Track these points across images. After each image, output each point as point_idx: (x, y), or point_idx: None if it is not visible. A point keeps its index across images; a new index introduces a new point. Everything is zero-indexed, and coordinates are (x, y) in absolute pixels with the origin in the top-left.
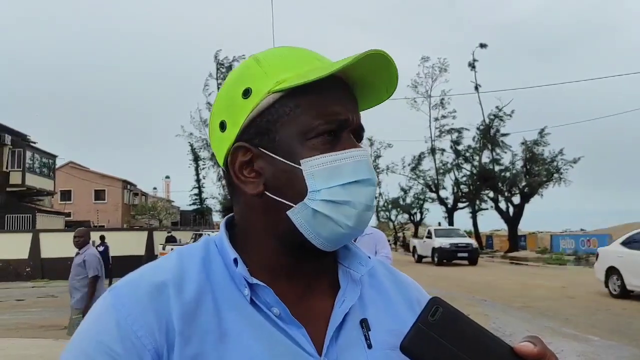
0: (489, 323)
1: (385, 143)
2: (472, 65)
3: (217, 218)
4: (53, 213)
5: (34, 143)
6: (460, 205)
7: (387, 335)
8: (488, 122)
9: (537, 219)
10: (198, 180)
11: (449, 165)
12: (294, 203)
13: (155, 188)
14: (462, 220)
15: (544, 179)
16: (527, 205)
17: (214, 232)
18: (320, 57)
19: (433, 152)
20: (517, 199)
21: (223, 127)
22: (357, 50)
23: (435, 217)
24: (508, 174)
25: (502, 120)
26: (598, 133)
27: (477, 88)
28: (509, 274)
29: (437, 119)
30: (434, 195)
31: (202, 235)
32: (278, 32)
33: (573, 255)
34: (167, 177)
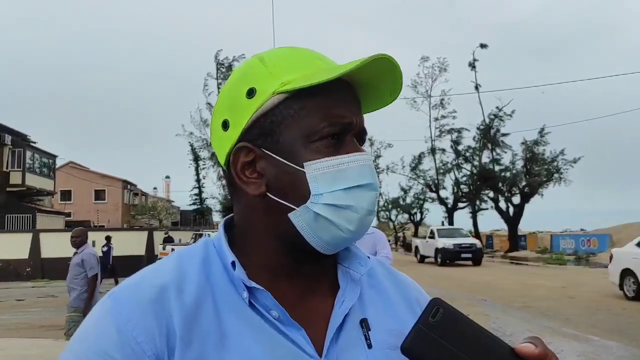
0: (489, 323)
1: (386, 143)
2: (472, 65)
3: (217, 218)
4: (53, 213)
5: (34, 143)
6: (461, 205)
7: (386, 335)
8: (488, 122)
9: (537, 219)
10: (198, 180)
11: (449, 165)
12: (296, 206)
13: (156, 188)
14: (462, 220)
15: (544, 179)
16: (527, 205)
17: (214, 232)
18: (324, 57)
19: (433, 152)
20: (517, 199)
21: (225, 126)
22: (357, 50)
23: (436, 217)
24: (508, 174)
25: (502, 120)
26: (598, 133)
27: (477, 88)
28: (509, 274)
29: (437, 119)
30: (434, 195)
31: (202, 236)
32: (278, 31)
33: (573, 255)
34: (167, 177)
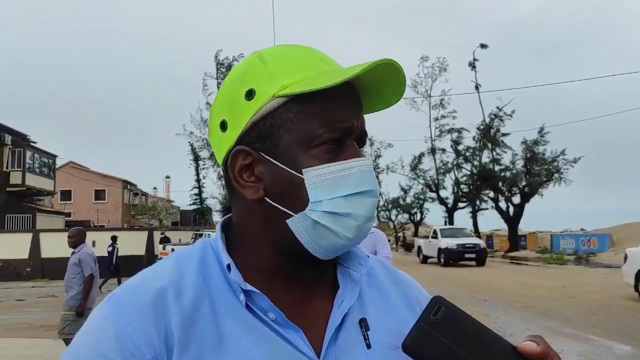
0: (490, 323)
1: (386, 143)
2: (472, 65)
3: (217, 218)
4: (53, 213)
5: (34, 143)
6: (461, 205)
7: (386, 335)
8: (488, 121)
9: (537, 219)
10: (198, 180)
11: (449, 165)
12: (294, 212)
13: (156, 188)
14: (462, 220)
15: (544, 179)
16: (527, 205)
17: (215, 232)
18: (326, 57)
19: (433, 152)
20: (517, 199)
21: (224, 126)
22: (357, 49)
23: (436, 217)
24: (508, 174)
25: (502, 120)
26: (598, 133)
27: (477, 88)
28: (509, 274)
29: (437, 119)
30: (434, 195)
31: (202, 235)
32: (278, 31)
33: (573, 255)
34: (167, 177)
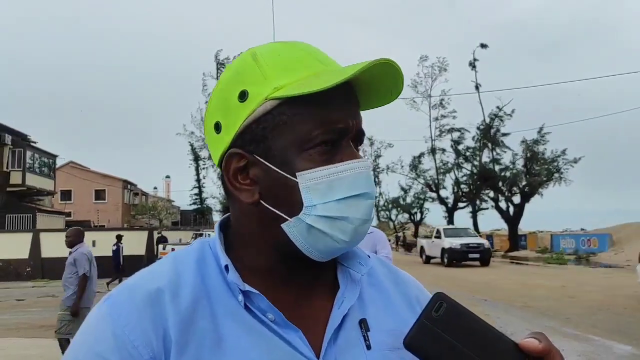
0: (490, 322)
1: (386, 143)
2: (472, 65)
3: (217, 218)
4: (53, 213)
5: (34, 143)
6: (461, 205)
7: (386, 336)
8: (488, 121)
9: (537, 219)
10: (198, 180)
11: (449, 165)
12: (289, 216)
13: (156, 188)
14: (462, 220)
15: (544, 179)
16: (527, 205)
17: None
18: (322, 55)
19: (433, 151)
20: (517, 199)
21: (218, 128)
22: (356, 49)
23: (436, 216)
24: (508, 174)
25: (502, 120)
26: (597, 133)
27: (477, 88)
28: (510, 274)
29: (437, 119)
30: (434, 195)
31: (202, 235)
32: (278, 31)
33: (573, 255)
34: (167, 176)
